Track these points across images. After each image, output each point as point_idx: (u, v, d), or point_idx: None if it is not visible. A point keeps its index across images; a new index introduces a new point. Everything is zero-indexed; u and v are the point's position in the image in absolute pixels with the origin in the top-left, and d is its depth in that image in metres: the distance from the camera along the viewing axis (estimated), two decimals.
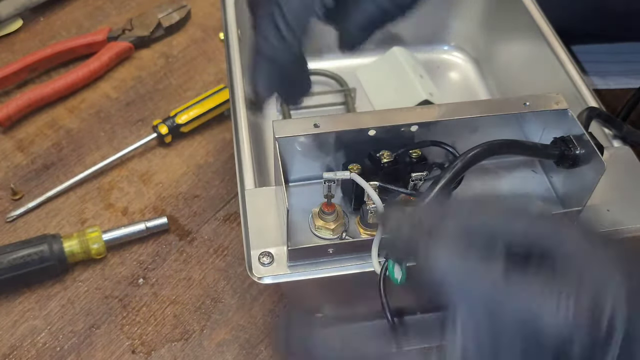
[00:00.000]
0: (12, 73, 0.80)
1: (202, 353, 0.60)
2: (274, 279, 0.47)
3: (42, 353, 0.60)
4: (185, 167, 0.74)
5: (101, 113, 0.79)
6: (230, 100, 0.60)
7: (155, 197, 0.71)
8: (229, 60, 0.63)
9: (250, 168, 0.55)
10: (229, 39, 0.65)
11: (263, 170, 0.65)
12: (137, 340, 0.61)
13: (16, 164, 0.74)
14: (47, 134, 0.77)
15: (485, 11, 0.78)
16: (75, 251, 0.64)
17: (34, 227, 0.68)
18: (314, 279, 0.48)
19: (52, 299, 0.63)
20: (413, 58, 0.76)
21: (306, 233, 0.50)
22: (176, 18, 0.88)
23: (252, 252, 0.48)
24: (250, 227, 0.50)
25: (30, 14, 0.90)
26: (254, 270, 0.48)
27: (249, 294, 0.64)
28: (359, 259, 0.48)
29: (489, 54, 0.79)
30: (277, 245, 0.49)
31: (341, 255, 0.48)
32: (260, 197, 0.52)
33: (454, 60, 0.81)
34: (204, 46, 0.87)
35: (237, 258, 0.66)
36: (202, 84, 0.82)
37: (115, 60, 0.84)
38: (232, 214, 0.70)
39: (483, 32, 0.79)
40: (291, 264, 0.48)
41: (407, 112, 0.51)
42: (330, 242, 0.48)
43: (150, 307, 0.63)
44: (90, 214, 0.69)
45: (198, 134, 0.77)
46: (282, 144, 0.49)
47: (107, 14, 0.91)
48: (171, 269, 0.65)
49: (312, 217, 0.50)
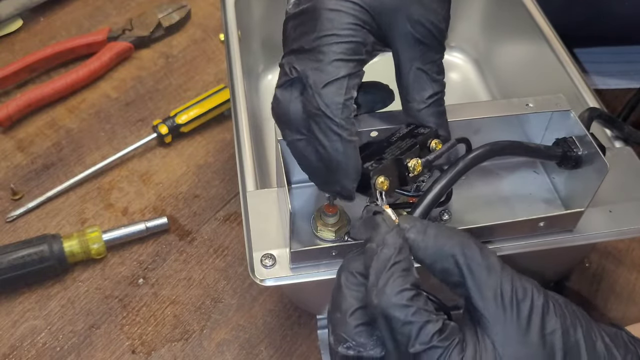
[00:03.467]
0: (12, 73, 0.80)
1: (202, 353, 0.60)
2: (276, 281, 0.47)
3: (42, 353, 0.60)
4: (185, 167, 0.74)
5: (101, 113, 0.79)
6: (231, 100, 0.60)
7: (155, 197, 0.71)
8: (229, 61, 0.63)
9: (251, 170, 0.54)
10: (229, 40, 0.65)
11: (264, 171, 0.65)
12: (137, 340, 0.60)
13: (16, 164, 0.74)
14: (47, 134, 0.77)
15: (485, 12, 0.78)
16: (75, 251, 0.63)
17: (34, 227, 0.68)
18: (316, 281, 0.47)
19: (52, 299, 0.63)
20: None
21: (308, 235, 0.50)
22: (176, 18, 0.88)
23: (254, 254, 0.48)
24: (252, 229, 0.50)
25: (30, 14, 0.90)
26: (256, 272, 0.47)
27: (249, 294, 0.63)
28: None
29: (489, 55, 0.79)
30: (279, 247, 0.48)
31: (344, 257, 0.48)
32: (262, 198, 0.52)
33: (454, 60, 0.81)
34: (204, 46, 0.87)
35: (237, 258, 0.66)
36: (202, 84, 0.82)
37: (115, 60, 0.83)
38: (232, 214, 0.70)
39: (483, 33, 0.79)
40: (293, 266, 0.48)
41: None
42: (332, 244, 0.48)
43: (150, 307, 0.63)
44: (90, 214, 0.69)
45: (198, 134, 0.77)
46: (284, 145, 0.49)
47: (107, 14, 0.91)
48: (171, 269, 0.65)
49: (314, 219, 0.50)
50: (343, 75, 0.42)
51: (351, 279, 0.40)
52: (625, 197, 0.52)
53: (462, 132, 0.50)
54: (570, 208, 0.52)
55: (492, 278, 0.38)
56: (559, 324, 0.37)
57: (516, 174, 0.56)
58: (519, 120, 0.53)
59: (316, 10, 0.43)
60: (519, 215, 0.49)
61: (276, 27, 0.76)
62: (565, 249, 0.51)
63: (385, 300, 0.37)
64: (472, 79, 0.80)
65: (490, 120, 0.52)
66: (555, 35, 0.66)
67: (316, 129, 0.43)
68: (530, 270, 0.46)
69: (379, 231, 0.39)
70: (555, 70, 0.64)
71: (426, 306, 0.37)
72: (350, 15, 0.43)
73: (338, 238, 0.49)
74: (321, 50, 0.43)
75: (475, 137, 0.50)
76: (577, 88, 0.62)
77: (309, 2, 0.44)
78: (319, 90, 0.42)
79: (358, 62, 0.43)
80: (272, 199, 0.52)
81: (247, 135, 0.57)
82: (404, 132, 0.47)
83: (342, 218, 0.49)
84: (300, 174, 0.51)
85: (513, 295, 0.37)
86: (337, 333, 0.39)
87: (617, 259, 0.66)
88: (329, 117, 0.42)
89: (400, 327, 0.36)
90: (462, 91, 0.79)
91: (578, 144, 0.50)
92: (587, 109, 0.56)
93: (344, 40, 0.43)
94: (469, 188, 0.54)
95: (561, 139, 0.51)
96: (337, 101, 0.42)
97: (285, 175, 0.47)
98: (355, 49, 0.43)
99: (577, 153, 0.50)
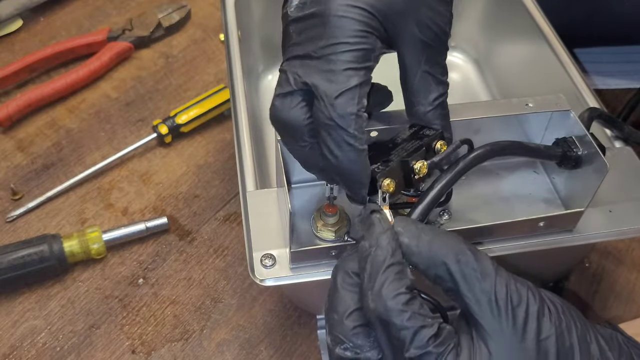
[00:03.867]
0: (12, 73, 0.80)
1: (202, 353, 0.60)
2: (276, 281, 0.47)
3: (42, 353, 0.60)
4: (185, 167, 0.74)
5: (101, 113, 0.79)
6: (231, 100, 0.60)
7: (155, 197, 0.71)
8: (229, 61, 0.63)
9: (251, 170, 0.54)
10: (229, 40, 0.65)
11: (264, 171, 0.65)
12: (137, 340, 0.60)
13: (16, 164, 0.74)
14: (47, 134, 0.77)
15: (485, 11, 0.78)
16: (75, 251, 0.63)
17: (34, 227, 0.68)
18: (316, 280, 0.48)
19: (52, 299, 0.63)
20: None
21: (308, 235, 0.50)
22: (176, 18, 0.88)
23: (254, 254, 0.48)
24: (252, 229, 0.50)
25: (30, 14, 0.90)
26: (256, 272, 0.47)
27: (249, 294, 0.63)
28: None
29: (489, 55, 0.79)
30: (279, 247, 0.48)
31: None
32: (262, 198, 0.52)
33: (454, 60, 0.81)
34: (204, 46, 0.87)
35: (237, 258, 0.66)
36: (202, 84, 0.82)
37: (115, 60, 0.83)
38: (232, 214, 0.70)
39: (483, 33, 0.79)
40: (293, 266, 0.48)
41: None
42: (332, 244, 0.48)
43: (150, 307, 0.63)
44: (90, 214, 0.69)
45: (198, 134, 0.77)
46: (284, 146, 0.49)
47: (107, 14, 0.91)
48: (171, 269, 0.65)
49: (314, 219, 0.50)
50: (355, 84, 0.41)
51: (347, 279, 0.40)
52: (625, 197, 0.52)
53: (462, 131, 0.50)
54: (570, 208, 0.52)
55: (487, 283, 0.37)
56: (554, 329, 0.37)
57: (516, 174, 0.56)
58: (519, 120, 0.53)
59: (324, 16, 0.42)
60: (518, 215, 0.49)
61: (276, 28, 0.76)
62: (565, 249, 0.51)
63: (381, 305, 0.37)
64: (472, 79, 0.80)
65: (490, 120, 0.52)
66: (555, 35, 0.66)
67: (328, 140, 0.42)
68: (529, 270, 0.46)
69: (373, 231, 0.39)
70: (555, 70, 0.64)
71: (421, 310, 0.37)
72: (359, 22, 0.42)
73: (338, 238, 0.49)
74: (331, 59, 0.41)
75: (475, 137, 0.50)
76: (577, 88, 0.62)
77: (316, 7, 0.43)
78: (332, 101, 0.41)
79: (367, 70, 0.42)
80: (272, 199, 0.52)
81: (247, 135, 0.57)
82: (409, 134, 0.47)
83: (342, 218, 0.49)
84: (300, 174, 0.51)
85: (508, 301, 0.37)
86: (334, 334, 0.39)
87: (617, 259, 0.66)
88: (342, 128, 0.41)
89: (396, 332, 0.37)
90: (462, 91, 0.79)
91: (578, 144, 0.50)
92: (587, 109, 0.56)
93: (353, 48, 0.42)
94: (469, 188, 0.54)
95: (561, 139, 0.51)
96: (351, 112, 0.41)
97: (285, 175, 0.47)
98: (365, 56, 0.42)
99: (577, 153, 0.50)
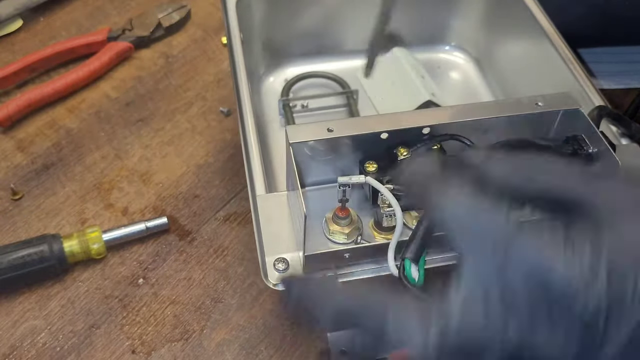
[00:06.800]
0: (12, 73, 0.80)
1: (202, 353, 0.60)
2: None
3: (42, 353, 0.59)
4: (185, 167, 0.74)
5: (101, 113, 0.79)
6: (236, 103, 0.59)
7: (155, 197, 0.71)
8: (233, 64, 0.63)
9: (260, 173, 0.54)
10: (232, 42, 0.65)
11: (269, 174, 0.65)
12: (137, 340, 0.60)
13: (16, 164, 0.73)
14: (47, 134, 0.77)
15: (486, 10, 0.78)
16: (75, 251, 0.63)
17: (34, 227, 0.68)
18: None
19: (52, 299, 0.63)
20: (414, 58, 0.76)
21: (320, 238, 0.49)
22: (176, 18, 0.88)
23: (267, 258, 0.48)
24: (264, 233, 0.49)
25: (30, 14, 0.90)
26: (269, 276, 0.47)
27: (249, 294, 0.63)
28: (374, 263, 0.48)
29: (489, 54, 0.79)
30: (292, 251, 0.48)
31: (357, 260, 0.48)
32: (271, 202, 0.51)
33: (454, 60, 0.81)
34: (204, 46, 0.87)
35: (237, 258, 0.66)
36: (202, 84, 0.82)
37: (115, 60, 0.83)
38: (232, 214, 0.69)
39: (484, 32, 0.79)
40: (307, 270, 0.47)
41: (420, 115, 0.51)
42: (346, 247, 0.48)
43: (150, 307, 0.62)
44: (90, 214, 0.69)
45: (198, 134, 0.76)
46: (296, 149, 0.49)
47: (107, 14, 0.91)
48: (171, 269, 0.65)
49: (326, 222, 0.49)
50: None
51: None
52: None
53: (471, 131, 0.50)
54: None
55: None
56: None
57: None
58: (528, 119, 0.52)
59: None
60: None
61: (276, 30, 0.77)
62: None
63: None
64: (473, 79, 0.80)
65: (499, 119, 0.51)
66: (556, 33, 0.66)
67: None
68: None
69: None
70: (557, 68, 0.64)
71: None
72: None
73: (350, 241, 0.49)
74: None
75: (484, 136, 0.50)
76: (581, 86, 0.61)
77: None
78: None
79: None
80: (282, 202, 0.51)
81: (254, 139, 0.56)
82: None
83: (354, 221, 0.49)
84: (311, 177, 0.51)
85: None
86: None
87: None
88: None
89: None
90: (463, 90, 0.79)
91: (588, 142, 0.49)
92: (596, 107, 0.56)
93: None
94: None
95: (571, 137, 0.50)
96: None
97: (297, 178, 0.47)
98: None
99: (587, 151, 0.49)
